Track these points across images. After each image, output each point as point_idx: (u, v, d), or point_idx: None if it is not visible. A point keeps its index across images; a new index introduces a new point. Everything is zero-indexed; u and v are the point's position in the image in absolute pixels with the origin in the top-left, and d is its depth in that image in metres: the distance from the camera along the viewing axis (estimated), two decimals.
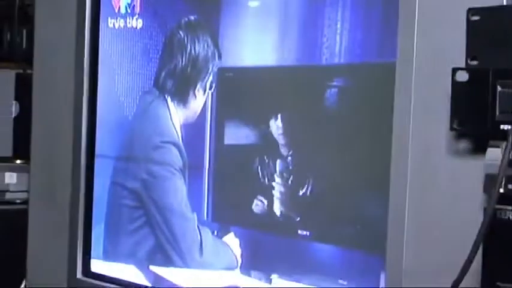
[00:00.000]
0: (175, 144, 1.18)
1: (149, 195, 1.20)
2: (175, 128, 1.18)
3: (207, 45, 1.15)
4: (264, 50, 1.12)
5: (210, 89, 1.16)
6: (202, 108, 1.17)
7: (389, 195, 0.94)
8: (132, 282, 1.20)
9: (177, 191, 1.18)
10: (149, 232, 1.20)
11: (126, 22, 1.22)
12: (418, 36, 0.92)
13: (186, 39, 1.17)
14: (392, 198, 0.93)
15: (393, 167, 0.93)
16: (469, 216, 0.84)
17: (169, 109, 1.19)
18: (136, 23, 1.21)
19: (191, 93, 1.17)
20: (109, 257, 1.26)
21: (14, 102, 1.40)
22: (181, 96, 1.18)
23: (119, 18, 1.23)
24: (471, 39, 0.84)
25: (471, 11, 0.84)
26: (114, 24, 1.23)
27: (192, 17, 1.17)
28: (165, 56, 1.20)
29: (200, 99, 1.17)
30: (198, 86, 1.17)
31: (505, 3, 0.87)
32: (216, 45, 1.15)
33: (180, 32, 1.17)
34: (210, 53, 1.15)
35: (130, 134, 1.24)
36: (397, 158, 0.93)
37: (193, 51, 1.16)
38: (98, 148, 1.26)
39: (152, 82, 1.22)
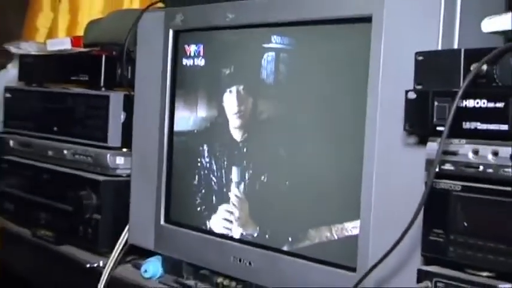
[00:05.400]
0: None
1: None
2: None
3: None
4: None
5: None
6: None
7: (362, 177, 0.90)
8: (208, 229, 1.16)
9: None
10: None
11: (193, 61, 1.19)
12: (384, 66, 0.89)
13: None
14: (364, 177, 0.91)
15: (365, 154, 0.90)
16: (417, 188, 0.81)
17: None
18: (200, 62, 1.18)
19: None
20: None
21: (122, 112, 1.38)
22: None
23: (189, 59, 1.20)
24: (417, 71, 0.82)
25: (417, 54, 0.83)
26: (186, 63, 1.21)
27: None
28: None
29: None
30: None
31: (440, 48, 0.83)
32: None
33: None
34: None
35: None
36: (368, 147, 0.90)
37: None
38: (175, 143, 1.24)
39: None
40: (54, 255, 1.45)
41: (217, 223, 1.15)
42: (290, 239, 1.03)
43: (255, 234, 1.08)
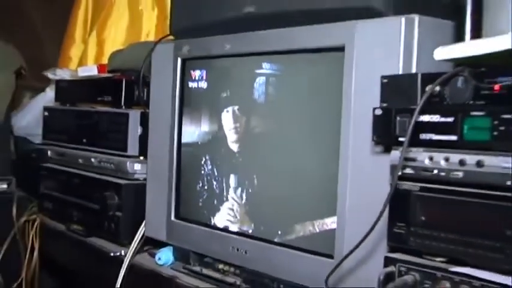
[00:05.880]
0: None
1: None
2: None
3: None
4: None
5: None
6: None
7: (338, 180, 0.89)
8: (211, 224, 1.14)
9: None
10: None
11: (198, 84, 1.18)
12: (355, 87, 0.89)
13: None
14: (340, 180, 0.90)
15: (341, 160, 0.90)
16: (383, 189, 0.81)
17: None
18: (203, 84, 1.17)
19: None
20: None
21: (139, 127, 1.37)
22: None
23: (194, 82, 1.19)
24: (383, 91, 0.82)
25: (382, 77, 0.82)
26: (192, 86, 1.20)
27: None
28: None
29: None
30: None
31: (401, 72, 0.83)
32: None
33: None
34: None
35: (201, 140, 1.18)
36: (343, 154, 0.90)
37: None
38: (183, 152, 1.22)
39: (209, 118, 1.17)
40: (84, 246, 1.45)
41: (219, 220, 1.14)
42: (279, 232, 1.02)
43: (251, 229, 1.08)
